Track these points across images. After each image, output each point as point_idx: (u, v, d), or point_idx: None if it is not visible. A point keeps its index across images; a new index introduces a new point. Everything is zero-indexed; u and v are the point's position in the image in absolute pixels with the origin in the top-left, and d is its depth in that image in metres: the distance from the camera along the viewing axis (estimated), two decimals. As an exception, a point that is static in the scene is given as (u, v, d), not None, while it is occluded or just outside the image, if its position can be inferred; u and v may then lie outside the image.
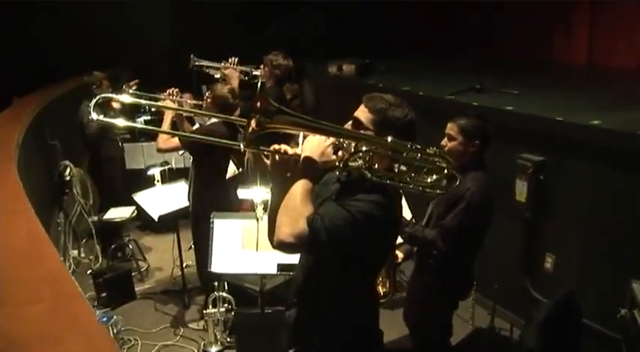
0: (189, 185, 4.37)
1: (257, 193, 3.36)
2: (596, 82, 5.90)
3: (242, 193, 3.52)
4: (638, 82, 5.63)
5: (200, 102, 4.32)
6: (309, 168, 2.07)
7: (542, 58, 7.64)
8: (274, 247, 2.06)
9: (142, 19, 7.68)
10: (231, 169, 4.66)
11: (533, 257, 4.17)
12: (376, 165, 2.12)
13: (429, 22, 8.55)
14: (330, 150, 2.10)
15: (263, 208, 3.38)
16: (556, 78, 6.30)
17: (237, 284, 4.32)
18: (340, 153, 2.13)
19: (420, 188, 2.17)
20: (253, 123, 1.94)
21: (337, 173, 2.29)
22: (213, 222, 3.42)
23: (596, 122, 3.68)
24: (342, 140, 2.14)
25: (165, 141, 4.08)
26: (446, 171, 2.17)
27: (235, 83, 4.85)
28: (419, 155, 2.14)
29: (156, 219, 4.56)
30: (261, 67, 5.03)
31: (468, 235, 3.07)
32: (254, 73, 5.03)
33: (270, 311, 3.86)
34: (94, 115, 2.05)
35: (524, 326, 2.89)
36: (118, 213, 5.22)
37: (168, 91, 4.37)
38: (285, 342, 3.96)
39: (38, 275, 1.53)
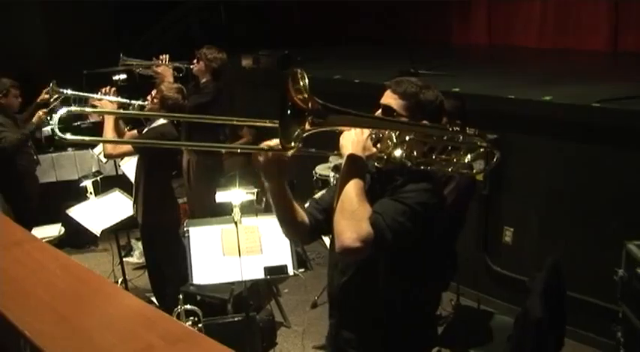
0: (135, 193, 4.02)
1: (236, 195, 3.15)
2: (514, 60, 6.13)
3: (220, 196, 3.28)
4: (553, 58, 5.94)
5: (142, 103, 3.99)
6: (357, 166, 1.94)
7: (442, 41, 7.84)
8: (339, 254, 1.90)
9: (17, 27, 7.07)
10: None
11: (492, 232, 4.30)
12: (415, 153, 2.05)
13: (333, 10, 8.49)
14: (369, 142, 1.99)
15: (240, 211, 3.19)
16: (471, 59, 6.51)
17: (193, 294, 4.07)
18: (379, 144, 2.03)
19: (458, 170, 2.14)
20: (307, 125, 1.78)
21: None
22: (188, 231, 3.16)
23: (548, 98, 3.84)
24: (377, 130, 2.04)
25: (114, 145, 3.73)
26: (482, 149, 2.15)
27: (170, 81, 4.54)
28: (461, 137, 2.11)
29: (98, 234, 4.16)
30: (195, 61, 4.76)
31: (459, 213, 3.10)
32: (191, 67, 4.75)
33: (240, 317, 3.72)
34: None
35: (526, 297, 2.97)
36: (44, 232, 4.71)
37: (103, 90, 3.99)
38: (259, 346, 3.82)
39: (121, 316, 1.28)
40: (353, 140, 1.95)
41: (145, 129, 3.88)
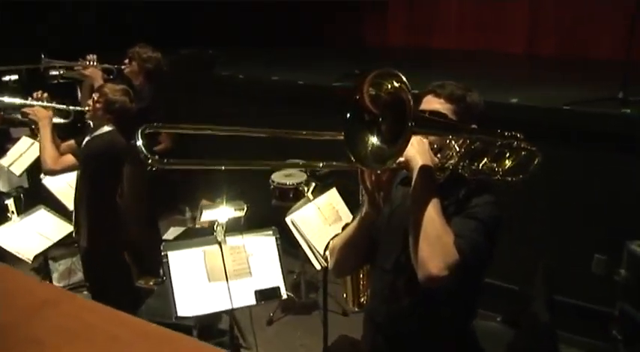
0: (76, 213, 3.49)
1: (222, 213, 2.80)
2: (446, 63, 6.15)
3: (206, 214, 2.90)
4: (478, 60, 6.05)
5: (82, 109, 3.47)
6: (432, 180, 1.74)
7: (354, 42, 7.74)
8: (423, 282, 1.69)
9: None
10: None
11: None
12: (467, 162, 1.89)
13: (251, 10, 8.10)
14: (432, 152, 1.80)
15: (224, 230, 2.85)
16: (398, 60, 6.43)
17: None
18: (439, 154, 1.85)
19: (502, 177, 2.00)
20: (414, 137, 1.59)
21: (398, 176, 2.00)
22: (166, 255, 2.75)
23: (515, 100, 3.83)
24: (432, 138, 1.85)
25: (56, 159, 3.20)
26: (524, 152, 2.03)
27: (100, 83, 4.02)
28: (515, 142, 1.97)
29: (30, 261, 3.58)
30: (126, 62, 4.27)
31: None
32: (123, 68, 4.24)
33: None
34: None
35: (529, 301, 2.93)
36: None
37: (35, 95, 3.44)
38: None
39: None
40: (419, 150, 1.75)
41: (87, 138, 3.37)
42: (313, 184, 3.38)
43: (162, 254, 2.76)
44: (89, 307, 1.31)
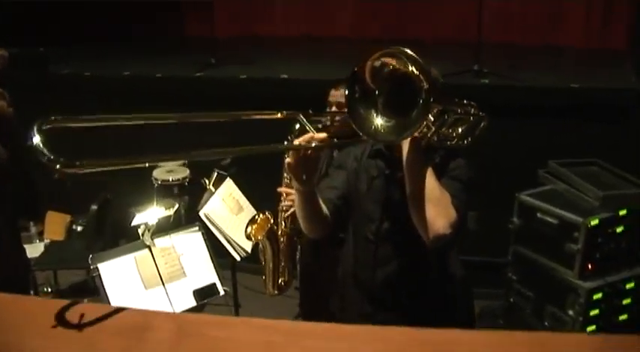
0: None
1: (152, 214, 2.62)
2: (286, 49, 6.24)
3: (138, 218, 2.66)
4: (317, 46, 6.24)
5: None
6: (420, 150, 1.85)
7: (173, 35, 7.48)
8: (431, 243, 1.79)
9: None
10: None
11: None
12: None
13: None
14: None
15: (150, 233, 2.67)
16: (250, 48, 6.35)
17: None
18: None
19: (458, 141, 2.17)
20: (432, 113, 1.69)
21: (366, 148, 2.13)
22: (97, 268, 2.51)
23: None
24: None
25: None
26: (472, 117, 2.22)
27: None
28: (472, 110, 2.16)
29: None
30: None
31: None
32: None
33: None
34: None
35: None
36: None
37: None
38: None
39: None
40: None
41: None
42: (215, 174, 3.29)
43: (92, 267, 2.51)
44: (195, 320, 1.21)
